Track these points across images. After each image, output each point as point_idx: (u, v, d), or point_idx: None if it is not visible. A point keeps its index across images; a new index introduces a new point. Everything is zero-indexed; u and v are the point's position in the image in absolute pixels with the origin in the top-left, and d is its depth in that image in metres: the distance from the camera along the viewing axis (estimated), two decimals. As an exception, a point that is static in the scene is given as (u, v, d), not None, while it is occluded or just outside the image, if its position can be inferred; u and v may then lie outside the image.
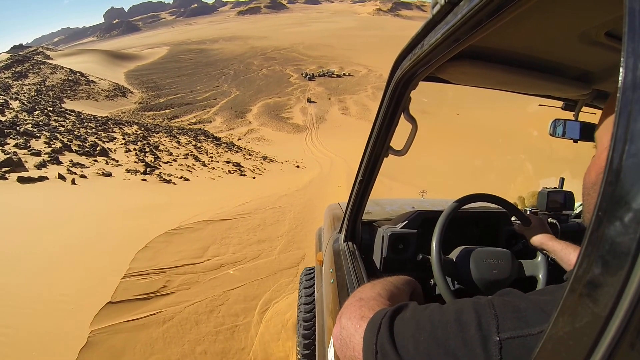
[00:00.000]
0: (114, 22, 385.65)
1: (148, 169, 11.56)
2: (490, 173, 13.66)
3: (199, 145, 21.94)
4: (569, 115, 1.29)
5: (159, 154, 15.22)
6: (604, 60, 0.95)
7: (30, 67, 75.70)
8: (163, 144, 19.07)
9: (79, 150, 13.19)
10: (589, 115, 1.25)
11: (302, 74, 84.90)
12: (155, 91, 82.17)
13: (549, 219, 1.55)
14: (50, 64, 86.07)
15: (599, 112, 1.18)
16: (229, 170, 13.48)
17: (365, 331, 0.55)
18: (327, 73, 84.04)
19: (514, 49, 0.91)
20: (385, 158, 1.25)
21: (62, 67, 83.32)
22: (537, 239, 1.22)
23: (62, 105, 48.43)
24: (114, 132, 20.33)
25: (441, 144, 20.03)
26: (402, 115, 1.09)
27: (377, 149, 1.22)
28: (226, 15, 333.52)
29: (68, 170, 9.53)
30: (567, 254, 1.10)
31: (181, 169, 12.51)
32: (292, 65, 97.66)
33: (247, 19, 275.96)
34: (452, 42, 0.70)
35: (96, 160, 12.13)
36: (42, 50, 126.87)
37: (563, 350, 0.31)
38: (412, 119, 1.08)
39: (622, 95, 0.28)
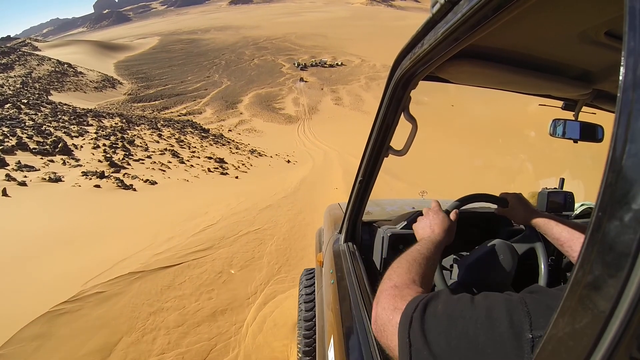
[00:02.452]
0: (104, 12, 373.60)
1: (112, 170, 9.63)
2: (490, 173, 12.55)
3: (182, 138, 19.90)
4: (569, 115, 1.26)
5: (132, 150, 13.23)
6: (604, 60, 0.92)
7: (17, 58, 72.18)
8: (141, 138, 17.03)
9: (36, 149, 11.15)
10: (589, 115, 1.22)
11: (294, 63, 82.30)
12: (145, 82, 79.27)
13: None
14: (38, 55, 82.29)
15: (599, 112, 1.24)
16: (209, 169, 11.56)
17: (399, 324, 0.56)
18: (319, 63, 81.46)
19: (514, 49, 0.89)
20: (385, 158, 1.22)
21: (50, 59, 79.90)
22: (520, 217, 1.15)
23: (49, 97, 45.81)
24: (90, 125, 18.17)
25: (438, 140, 18.46)
26: (402, 115, 1.06)
27: (377, 149, 1.19)
28: (218, 5, 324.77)
29: (7, 176, 7.56)
30: (550, 228, 1.03)
31: (152, 168, 10.59)
32: (284, 55, 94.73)
33: (239, 9, 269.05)
34: (452, 42, 0.69)
35: (52, 161, 10.14)
36: (29, 41, 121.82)
37: (563, 350, 0.31)
38: (412, 119, 1.06)
39: (622, 95, 0.27)
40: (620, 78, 0.27)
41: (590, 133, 1.26)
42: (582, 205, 1.80)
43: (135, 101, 62.53)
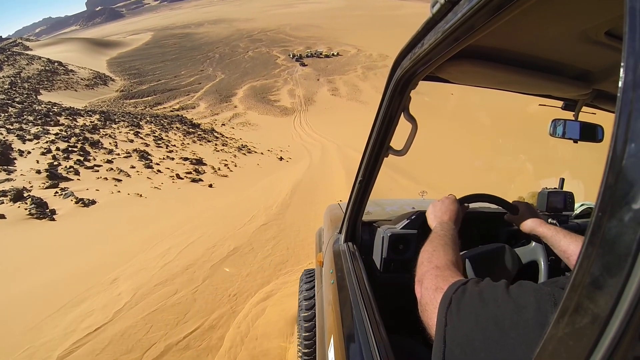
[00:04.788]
0: (97, 9, 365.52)
1: (47, 184, 7.34)
2: (490, 172, 11.78)
3: (163, 135, 17.52)
4: (569, 115, 1.25)
5: (92, 153, 10.91)
6: (604, 60, 0.92)
7: (5, 59, 69.32)
8: (113, 137, 14.67)
9: (-37, 157, 8.91)
10: (589, 115, 1.21)
11: (289, 55, 79.41)
12: (137, 78, 76.67)
13: (549, 220, 1.47)
14: (27, 54, 79.32)
15: (599, 112, 1.24)
16: (178, 175, 9.25)
17: (440, 304, 0.59)
18: (315, 54, 78.49)
19: (514, 49, 0.88)
20: (385, 158, 1.21)
21: (40, 57, 77.17)
22: (527, 226, 1.15)
23: (38, 97, 43.34)
24: (58, 125, 15.76)
25: (437, 139, 16.70)
26: (402, 115, 1.06)
27: (377, 149, 1.18)
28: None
29: None
30: (558, 240, 1.03)
31: (105, 178, 8.31)
32: (279, 46, 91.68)
33: (233, 1, 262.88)
34: (452, 42, 0.69)
35: (-25, 173, 7.87)
36: (20, 41, 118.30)
37: (563, 350, 0.31)
38: (412, 119, 1.05)
39: (622, 95, 0.27)
40: (620, 78, 0.27)
41: (590, 133, 1.23)
42: (582, 205, 1.75)
43: (128, 98, 60.06)
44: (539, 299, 0.49)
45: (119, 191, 7.11)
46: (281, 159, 15.13)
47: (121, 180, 8.21)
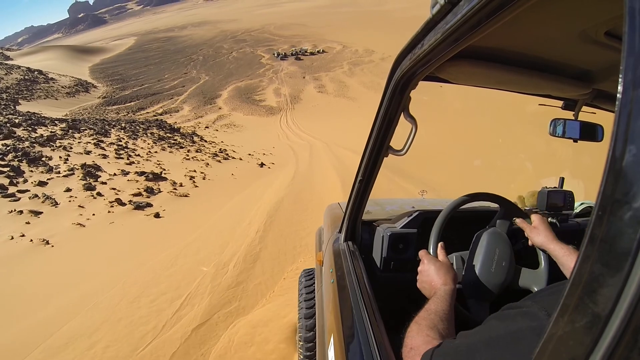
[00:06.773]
0: (79, 16, 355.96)
1: None
2: (490, 172, 11.21)
3: (129, 144, 15.38)
4: (569, 114, 1.22)
5: (27, 172, 8.79)
6: (603, 60, 0.92)
7: (-18, 69, 66.05)
8: (67, 150, 12.51)
9: None
10: (589, 115, 1.17)
11: (274, 54, 77.20)
12: (120, 84, 73.84)
13: (549, 219, 1.48)
14: (7, 64, 75.82)
15: (599, 112, 1.22)
16: (120, 200, 7.20)
17: None
18: (300, 52, 76.33)
19: (514, 49, 0.88)
20: (385, 158, 1.20)
21: (19, 67, 73.96)
22: (539, 240, 1.08)
23: (17, 107, 40.79)
24: (5, 139, 13.56)
25: (437, 136, 15.72)
26: (402, 115, 1.06)
27: (377, 148, 1.16)
28: (195, 0, 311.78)
29: None
30: (570, 261, 0.94)
31: (20, 211, 6.26)
32: (264, 46, 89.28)
33: (216, 3, 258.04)
34: (452, 42, 0.69)
35: None
36: (1, 51, 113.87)
37: (563, 350, 0.30)
38: (412, 119, 1.05)
39: (622, 95, 0.27)
40: (620, 78, 0.27)
41: (590, 132, 1.21)
42: (582, 204, 1.73)
43: (110, 104, 57.33)
44: (530, 318, 0.47)
45: (22, 235, 5.09)
46: (262, 165, 13.13)
47: (41, 213, 6.18)
